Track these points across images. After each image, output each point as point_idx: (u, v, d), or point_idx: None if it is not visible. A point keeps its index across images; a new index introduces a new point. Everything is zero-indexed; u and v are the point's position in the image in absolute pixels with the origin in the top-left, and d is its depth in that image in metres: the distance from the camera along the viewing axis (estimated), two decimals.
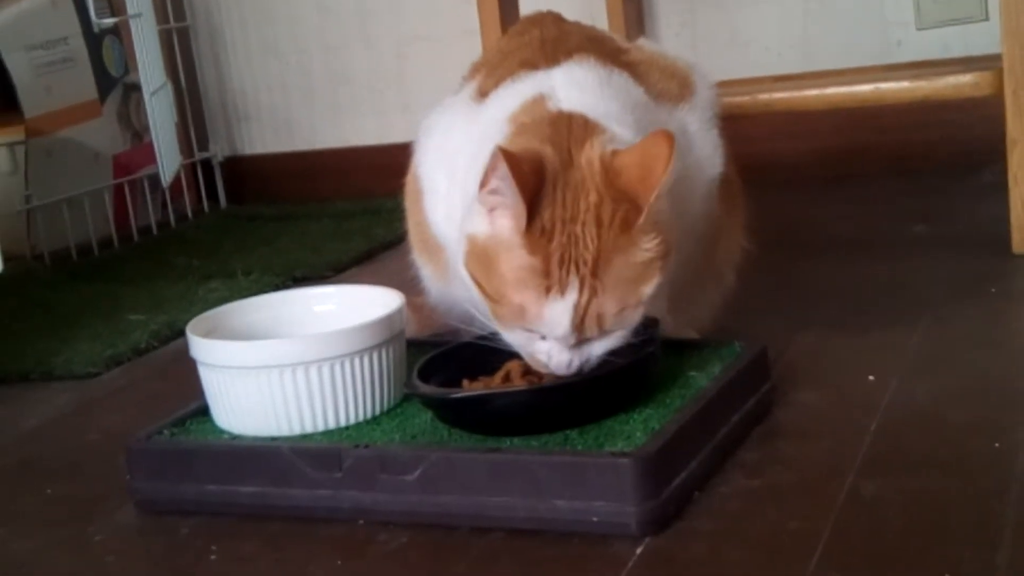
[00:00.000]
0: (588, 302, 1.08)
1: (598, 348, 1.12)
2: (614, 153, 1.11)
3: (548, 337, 1.11)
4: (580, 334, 1.09)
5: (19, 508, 1.26)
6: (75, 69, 2.45)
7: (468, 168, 1.17)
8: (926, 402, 1.23)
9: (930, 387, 1.26)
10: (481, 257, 1.12)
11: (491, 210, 1.10)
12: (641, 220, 1.08)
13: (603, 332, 1.10)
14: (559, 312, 1.08)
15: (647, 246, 1.09)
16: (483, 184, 1.09)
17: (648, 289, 1.10)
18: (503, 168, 1.05)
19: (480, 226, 1.11)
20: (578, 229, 1.08)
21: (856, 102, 1.80)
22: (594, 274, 1.08)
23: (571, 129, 1.14)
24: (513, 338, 1.13)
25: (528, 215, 1.08)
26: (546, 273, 1.08)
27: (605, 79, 1.24)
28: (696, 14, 2.44)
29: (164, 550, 1.13)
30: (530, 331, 1.11)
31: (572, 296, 1.08)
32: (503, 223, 1.09)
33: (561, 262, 1.08)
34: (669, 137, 1.09)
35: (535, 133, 1.14)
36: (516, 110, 1.20)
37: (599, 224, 1.08)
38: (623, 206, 1.09)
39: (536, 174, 1.09)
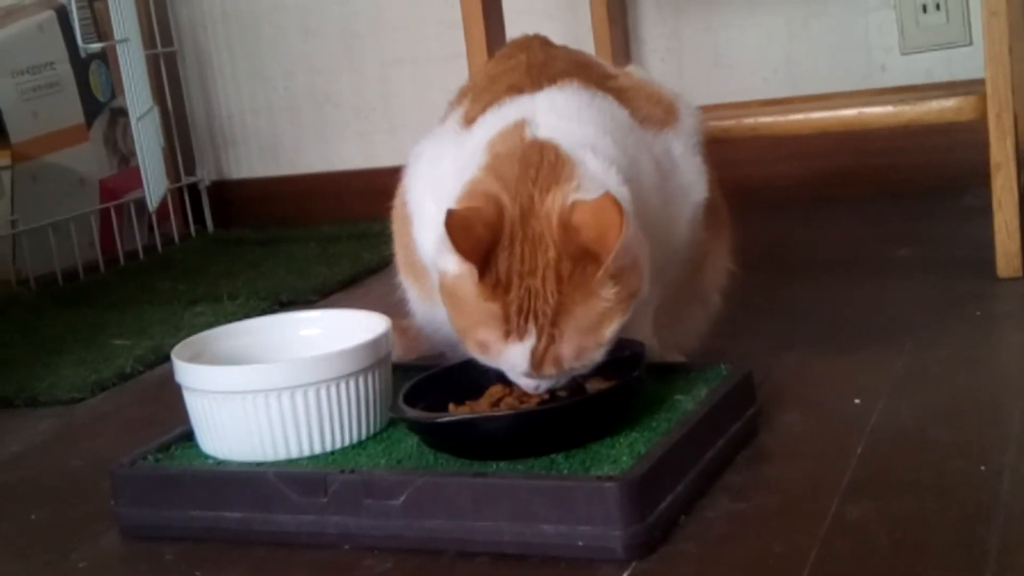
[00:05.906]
0: (546, 348, 1.11)
1: (564, 377, 1.14)
2: (573, 206, 1.11)
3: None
4: (539, 373, 1.12)
5: (2, 534, 1.25)
6: (62, 94, 2.45)
7: (453, 195, 1.17)
8: (911, 424, 1.23)
9: (915, 409, 1.27)
10: (450, 293, 1.14)
11: None
12: (599, 275, 1.09)
13: (562, 372, 1.13)
14: (517, 354, 1.11)
15: (607, 295, 1.11)
16: None
17: (608, 332, 1.12)
18: (448, 240, 1.08)
19: (449, 265, 1.13)
20: (537, 283, 1.10)
21: (841, 126, 1.81)
22: (554, 323, 1.10)
23: (540, 169, 1.14)
24: (484, 360, 1.15)
25: (483, 268, 1.10)
26: (505, 319, 1.10)
27: (587, 103, 1.25)
28: (682, 38, 2.45)
29: None
30: None
31: (530, 342, 1.10)
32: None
33: (520, 311, 1.10)
34: (615, 204, 1.08)
35: (502, 172, 1.15)
36: (494, 137, 1.21)
37: (559, 280, 1.10)
38: (581, 263, 1.10)
39: (489, 228, 1.11)
